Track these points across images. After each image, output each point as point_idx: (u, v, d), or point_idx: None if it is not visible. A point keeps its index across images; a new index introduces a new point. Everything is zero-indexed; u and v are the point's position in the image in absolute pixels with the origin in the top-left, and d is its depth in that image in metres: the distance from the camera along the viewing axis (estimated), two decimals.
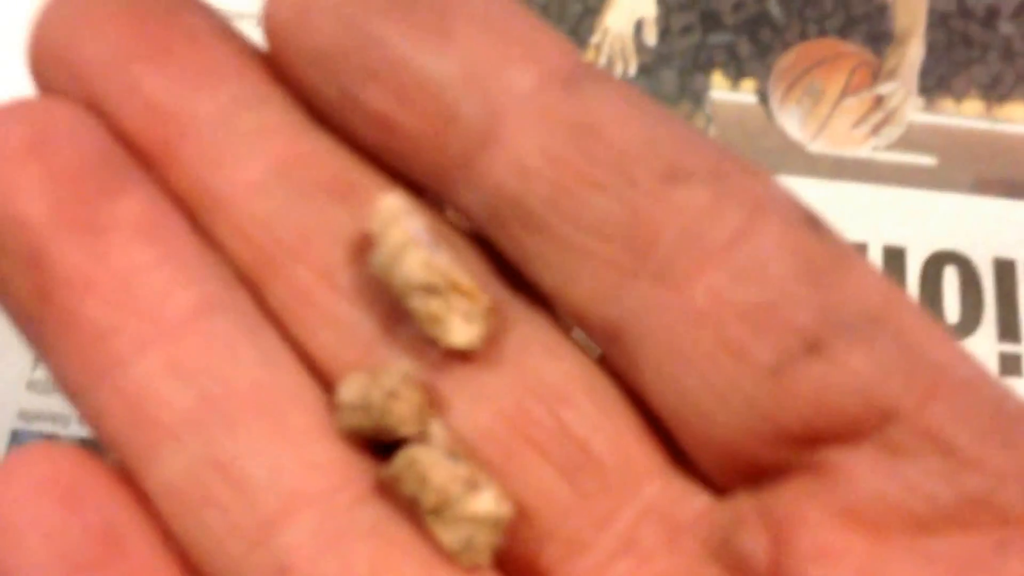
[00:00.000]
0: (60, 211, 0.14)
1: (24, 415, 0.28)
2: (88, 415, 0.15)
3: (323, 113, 0.15)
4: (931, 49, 0.32)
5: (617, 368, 0.15)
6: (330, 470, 0.14)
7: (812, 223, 0.14)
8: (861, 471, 0.13)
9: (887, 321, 0.13)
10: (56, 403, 0.29)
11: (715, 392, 0.13)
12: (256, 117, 0.15)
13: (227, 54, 0.16)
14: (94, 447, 0.15)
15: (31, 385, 0.29)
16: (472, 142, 0.14)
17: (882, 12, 0.33)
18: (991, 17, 0.33)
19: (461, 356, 0.15)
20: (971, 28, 0.33)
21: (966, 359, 0.13)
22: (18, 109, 0.15)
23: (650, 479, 0.14)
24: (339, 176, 0.15)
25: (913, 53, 0.32)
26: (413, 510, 0.14)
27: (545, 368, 0.15)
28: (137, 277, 0.14)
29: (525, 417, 0.14)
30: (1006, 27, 0.32)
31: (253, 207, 0.15)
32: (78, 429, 0.28)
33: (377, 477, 0.14)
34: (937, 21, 0.32)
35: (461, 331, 0.14)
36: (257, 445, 0.14)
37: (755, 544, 0.13)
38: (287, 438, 0.14)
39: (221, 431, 0.14)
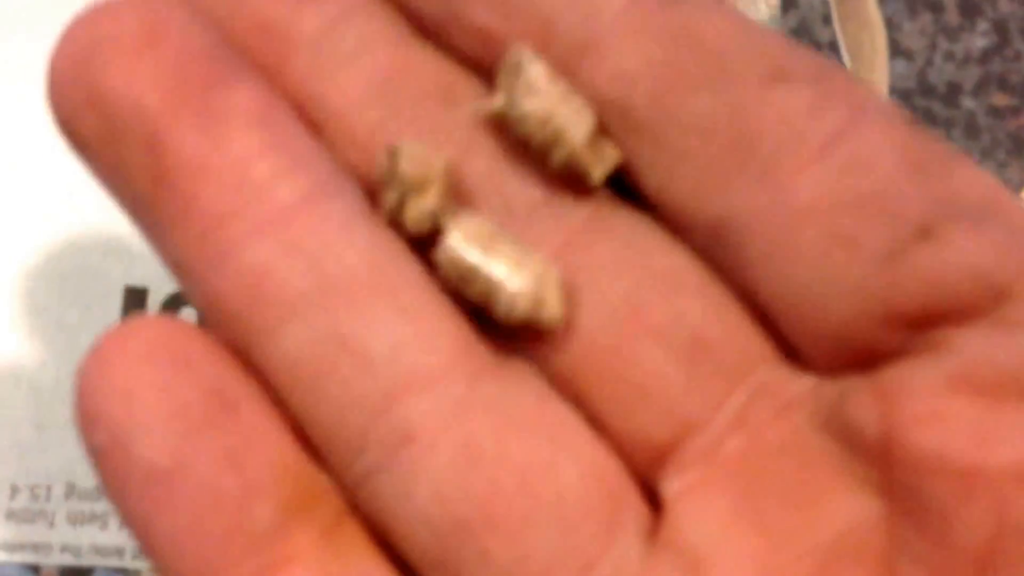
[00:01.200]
0: (177, 98, 0.15)
1: (4, 546, 0.28)
2: (204, 299, 0.15)
3: (423, 26, 0.16)
4: None
5: (721, 265, 0.15)
6: (447, 347, 0.15)
7: (914, 124, 0.14)
8: (973, 343, 0.13)
9: (995, 209, 0.14)
10: (37, 532, 0.28)
11: (826, 281, 0.14)
12: (361, 30, 0.16)
13: None
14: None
15: (10, 515, 0.28)
16: (572, 52, 0.15)
17: None
18: (953, 94, 0.34)
19: (573, 240, 0.15)
20: (933, 105, 0.34)
21: None
22: (132, 2, 0.15)
23: (760, 363, 0.15)
24: (443, 83, 0.16)
25: None
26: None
27: (659, 259, 0.15)
28: (252, 163, 0.15)
29: (640, 303, 0.15)
30: (968, 103, 0.33)
31: (362, 114, 0.16)
32: (60, 557, 0.28)
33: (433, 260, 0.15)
34: (899, 100, 0.33)
35: (600, 169, 0.15)
36: (376, 321, 0.15)
37: (864, 412, 0.14)
38: (404, 315, 0.15)
39: (341, 307, 0.15)
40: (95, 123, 0.15)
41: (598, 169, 0.15)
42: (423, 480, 0.14)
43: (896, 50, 0.34)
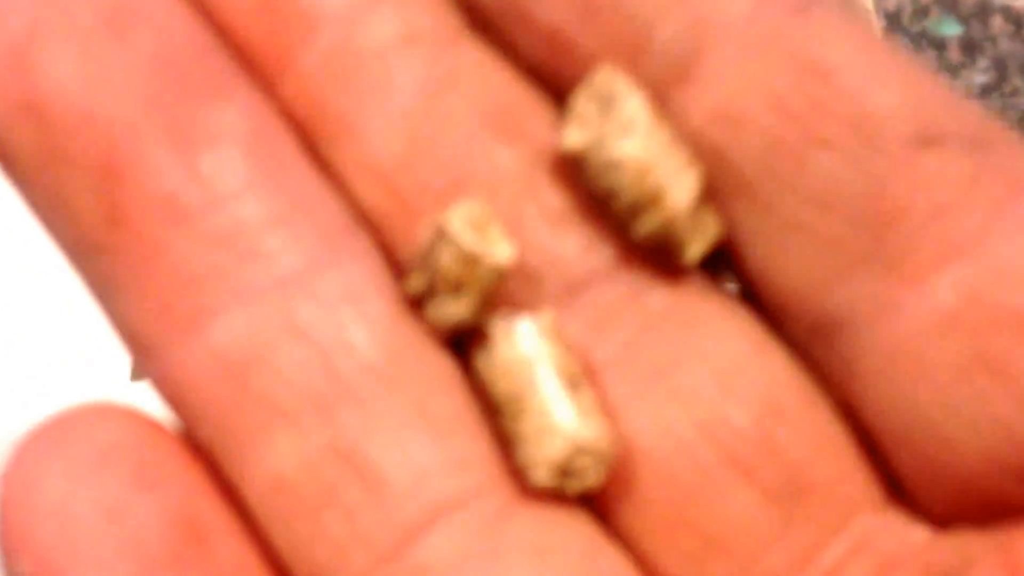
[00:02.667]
0: (146, 110, 0.11)
1: None
2: (163, 380, 0.12)
3: (481, 17, 0.12)
4: None
5: (823, 370, 0.12)
6: (477, 467, 0.12)
7: None
8: None
9: None
10: None
11: (960, 413, 0.11)
12: (399, 20, 0.12)
13: None
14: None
15: None
16: (668, 74, 0.12)
17: None
18: None
19: (644, 338, 0.12)
20: None
21: None
22: None
23: (864, 508, 0.12)
24: (497, 102, 0.12)
25: None
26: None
27: (749, 365, 0.12)
28: (245, 206, 0.12)
29: (728, 428, 0.12)
30: None
31: (390, 138, 0.12)
32: None
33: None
34: None
35: (697, 246, 0.12)
36: (393, 432, 0.12)
37: None
38: (427, 424, 0.12)
39: (350, 413, 0.12)
40: (30, 137, 0.11)
41: (696, 246, 0.12)
42: None
43: None
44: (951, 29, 0.36)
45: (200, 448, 0.12)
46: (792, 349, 0.12)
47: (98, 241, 0.12)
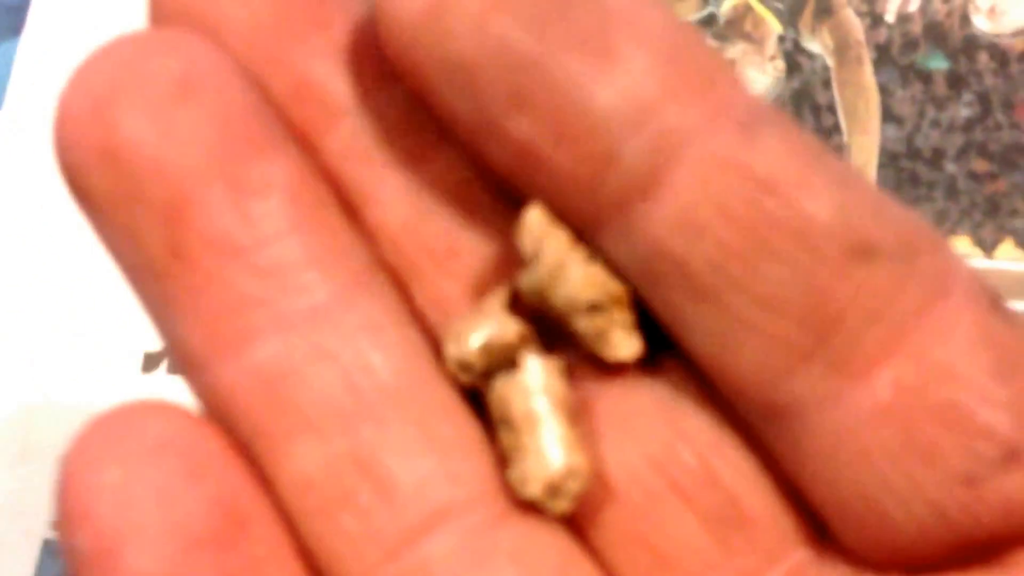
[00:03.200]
0: (209, 163, 0.13)
1: None
2: (208, 390, 0.13)
3: (449, 129, 0.13)
4: (882, 186, 0.35)
5: (769, 449, 0.13)
6: (472, 481, 0.13)
7: (999, 307, 0.13)
8: None
9: None
10: None
11: (895, 493, 0.12)
12: (406, 110, 0.14)
13: (372, 37, 0.14)
14: None
15: None
16: (633, 187, 0.13)
17: (840, 151, 0.36)
18: (937, 158, 0.35)
19: (611, 387, 0.14)
20: (919, 168, 0.35)
21: None
22: (166, 40, 0.13)
23: (798, 544, 0.13)
24: (490, 179, 0.14)
25: None
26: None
27: (697, 417, 0.14)
28: (285, 247, 0.13)
29: (674, 461, 0.13)
30: (950, 167, 0.35)
31: (401, 208, 0.14)
32: None
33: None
34: (888, 161, 0.35)
35: (626, 345, 0.14)
36: (404, 445, 0.13)
37: None
38: (433, 441, 0.13)
39: (367, 426, 0.13)
40: (108, 180, 0.13)
41: (620, 349, 0.14)
42: None
43: (888, 115, 0.36)
44: (938, 63, 0.36)
45: (239, 445, 0.13)
46: (743, 430, 0.14)
47: (161, 270, 0.13)
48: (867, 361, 0.12)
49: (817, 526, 0.14)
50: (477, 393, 0.14)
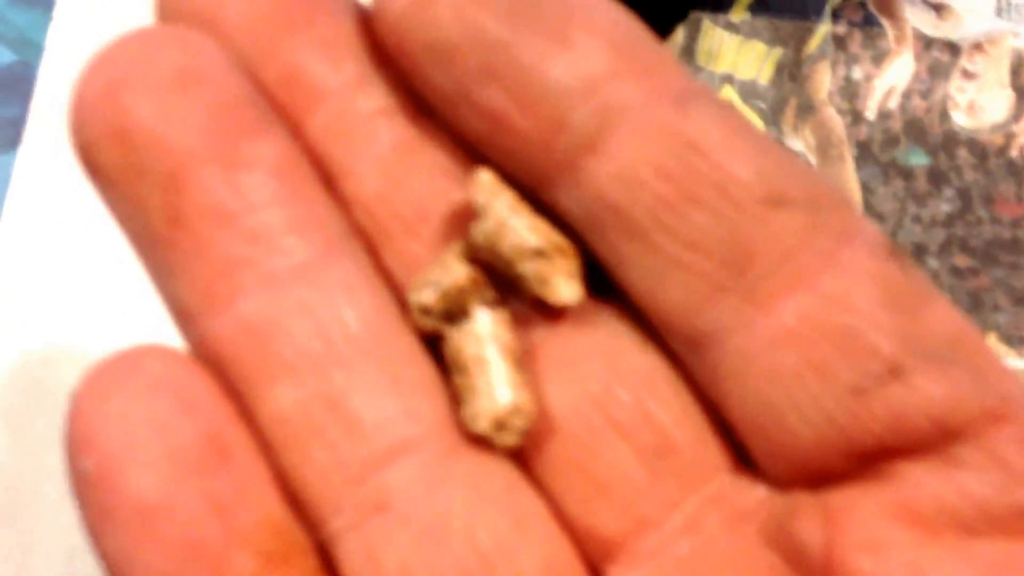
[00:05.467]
0: (206, 141, 0.15)
1: None
2: (200, 341, 0.15)
3: (430, 101, 0.16)
4: None
5: (693, 373, 0.15)
6: (430, 419, 0.15)
7: (896, 255, 0.14)
8: (919, 477, 0.14)
9: (963, 350, 0.14)
10: None
11: (796, 407, 0.14)
12: (378, 96, 0.16)
13: (354, 31, 0.16)
14: None
15: None
16: (580, 147, 0.15)
17: None
18: (919, 253, 0.36)
19: (556, 334, 0.16)
20: None
21: None
22: (171, 36, 0.15)
23: (719, 471, 0.15)
24: (453, 159, 0.16)
25: None
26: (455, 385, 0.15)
27: (633, 359, 0.15)
28: (271, 214, 0.15)
29: (612, 400, 0.15)
30: (933, 263, 0.36)
31: (374, 180, 0.16)
32: None
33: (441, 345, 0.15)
34: None
35: (567, 288, 0.15)
36: (368, 388, 0.15)
37: (809, 531, 0.14)
38: (395, 383, 0.15)
39: (338, 372, 0.15)
40: (116, 155, 0.15)
41: (562, 292, 0.15)
42: (392, 550, 0.14)
43: (870, 212, 0.36)
44: (919, 159, 0.37)
45: (226, 387, 0.15)
46: (668, 355, 0.15)
47: (161, 236, 0.15)
48: (775, 294, 0.14)
49: (741, 456, 0.15)
50: (437, 343, 0.16)
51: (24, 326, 0.34)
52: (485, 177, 0.15)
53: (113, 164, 0.15)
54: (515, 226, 0.15)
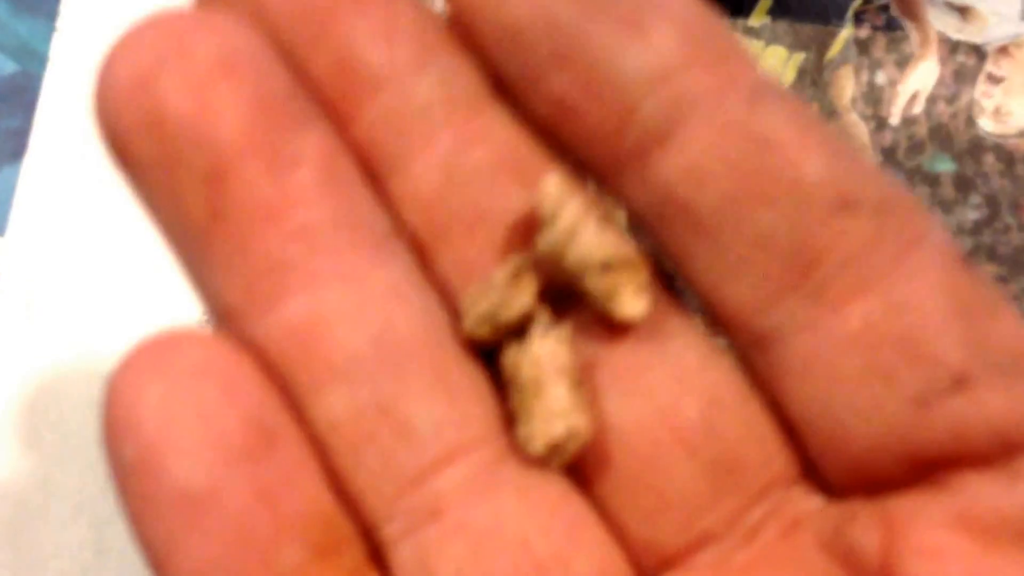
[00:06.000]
0: (249, 134, 0.14)
1: None
2: (244, 340, 0.14)
3: (501, 83, 0.15)
4: None
5: (757, 372, 0.15)
6: (481, 424, 0.15)
7: (966, 263, 0.14)
8: (979, 488, 0.14)
9: None
10: None
11: (858, 412, 0.14)
12: (441, 84, 0.15)
13: (416, 14, 0.15)
14: None
15: None
16: (649, 139, 0.14)
17: None
18: None
19: (623, 346, 0.15)
20: None
21: None
22: (207, 20, 0.14)
23: (781, 483, 0.15)
24: (516, 154, 0.15)
25: None
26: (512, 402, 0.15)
27: (700, 369, 0.15)
28: (317, 212, 0.14)
29: (678, 414, 0.15)
30: None
31: (432, 177, 0.15)
32: None
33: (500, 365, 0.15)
34: None
35: (634, 304, 0.15)
36: (421, 393, 0.14)
37: (867, 538, 0.14)
38: (446, 389, 0.15)
39: (389, 376, 0.14)
40: (152, 146, 0.14)
41: (627, 308, 0.15)
42: (446, 558, 0.14)
43: None
44: (945, 166, 0.36)
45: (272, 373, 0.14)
46: (734, 357, 0.15)
47: (201, 231, 0.14)
48: (841, 297, 0.14)
49: (805, 466, 0.15)
50: (493, 351, 0.15)
51: (30, 339, 0.33)
52: (553, 182, 0.15)
53: (148, 155, 0.14)
54: (582, 239, 0.15)
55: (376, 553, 0.15)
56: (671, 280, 0.16)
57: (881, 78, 0.37)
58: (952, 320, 0.14)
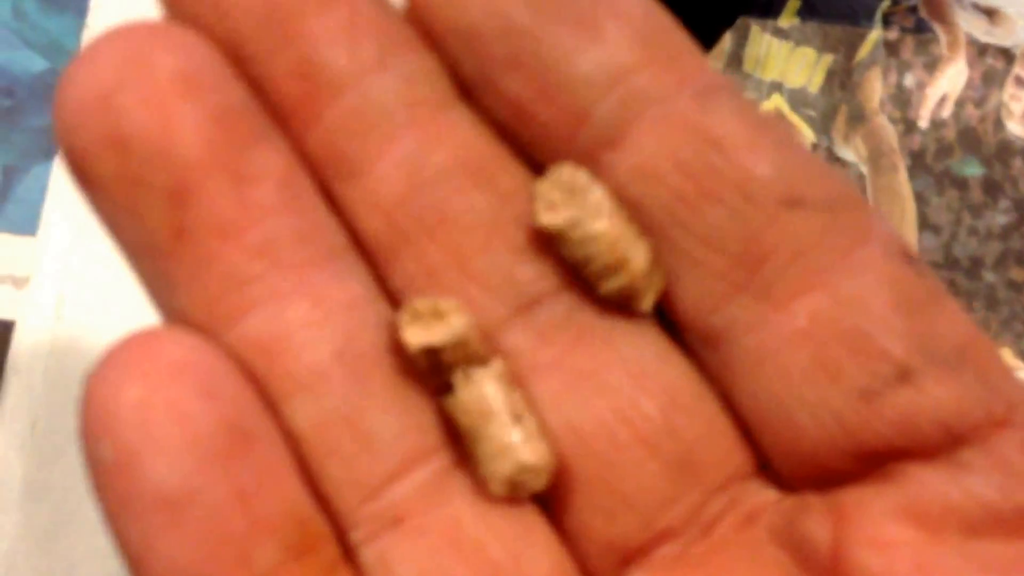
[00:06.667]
0: (211, 151, 0.14)
1: None
2: None
3: (461, 84, 0.15)
4: None
5: (710, 371, 0.15)
6: (437, 432, 0.15)
7: (910, 259, 0.14)
8: (926, 479, 0.14)
9: (970, 356, 0.14)
10: None
11: (806, 406, 0.14)
12: (404, 85, 0.15)
13: (377, 13, 0.15)
14: None
15: None
16: (601, 140, 0.15)
17: None
18: (975, 267, 0.35)
19: (581, 347, 0.15)
20: (957, 277, 0.35)
21: None
22: (164, 34, 0.14)
23: (737, 477, 0.15)
24: (478, 156, 0.15)
25: None
26: (464, 441, 0.15)
27: (659, 369, 0.15)
28: (277, 227, 0.14)
29: (639, 414, 0.15)
30: (989, 276, 0.35)
31: (394, 179, 0.15)
32: None
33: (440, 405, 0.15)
34: None
35: (647, 298, 0.15)
36: (381, 404, 0.15)
37: (818, 530, 0.14)
38: (403, 399, 0.15)
39: (351, 387, 0.15)
40: (113, 164, 0.14)
41: (649, 298, 0.15)
42: (408, 563, 0.14)
43: (924, 224, 0.35)
44: (973, 169, 0.36)
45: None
46: (688, 355, 0.15)
47: (164, 249, 0.14)
48: (789, 293, 0.14)
49: (760, 461, 0.15)
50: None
51: (63, 338, 0.33)
52: (566, 170, 0.15)
53: (109, 174, 0.14)
54: (594, 230, 0.15)
55: (350, 554, 0.15)
56: None
57: (910, 80, 0.37)
58: (897, 314, 0.14)
